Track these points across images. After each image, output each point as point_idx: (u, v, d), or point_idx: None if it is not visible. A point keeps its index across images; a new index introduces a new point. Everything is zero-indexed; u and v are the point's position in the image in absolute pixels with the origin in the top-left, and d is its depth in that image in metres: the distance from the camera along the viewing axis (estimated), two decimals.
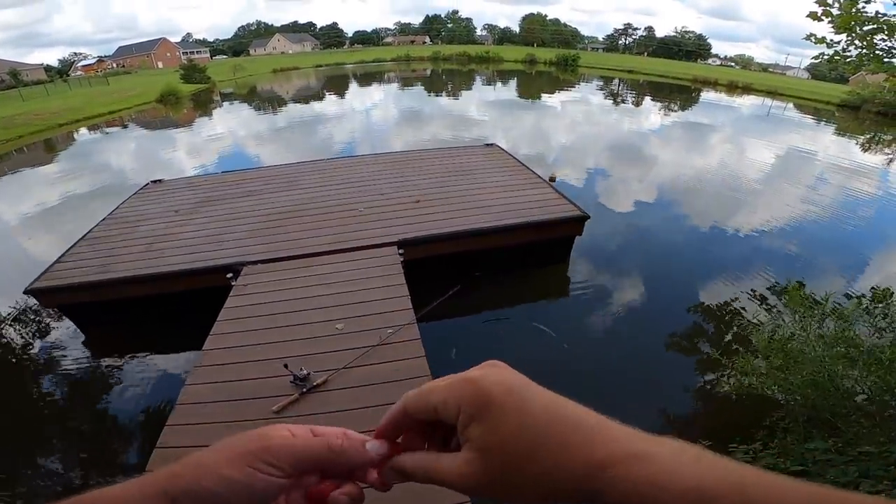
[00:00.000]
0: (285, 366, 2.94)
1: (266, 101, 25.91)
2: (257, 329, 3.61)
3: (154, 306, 4.73)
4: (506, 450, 0.29)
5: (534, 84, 32.95)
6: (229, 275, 4.44)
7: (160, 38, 71.55)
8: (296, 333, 3.52)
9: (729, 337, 4.80)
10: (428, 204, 5.79)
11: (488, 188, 6.24)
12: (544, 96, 26.29)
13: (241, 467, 0.31)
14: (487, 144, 8.48)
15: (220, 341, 3.48)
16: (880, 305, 3.13)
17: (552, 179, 7.02)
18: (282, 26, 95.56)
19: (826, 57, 4.31)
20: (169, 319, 4.78)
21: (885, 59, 3.83)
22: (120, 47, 75.59)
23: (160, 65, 65.28)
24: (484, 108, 20.27)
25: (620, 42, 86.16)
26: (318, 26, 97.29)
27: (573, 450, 0.28)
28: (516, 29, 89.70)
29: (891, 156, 15.17)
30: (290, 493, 0.33)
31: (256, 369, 3.15)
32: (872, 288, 3.76)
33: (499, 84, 32.22)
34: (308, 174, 7.19)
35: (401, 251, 4.70)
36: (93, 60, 74.69)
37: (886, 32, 3.66)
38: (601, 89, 31.03)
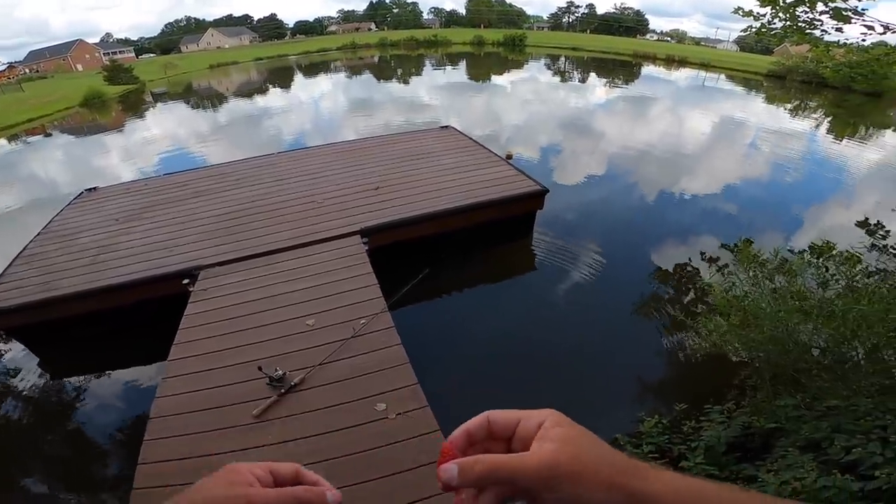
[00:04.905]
0: (259, 368, 2.86)
1: (205, 99, 24.47)
2: (224, 333, 3.47)
3: (108, 320, 4.44)
4: (577, 442, 0.37)
5: (483, 65, 32.93)
6: (186, 280, 4.23)
7: (76, 40, 65.46)
8: (266, 334, 3.42)
9: (692, 296, 5.01)
10: (388, 190, 5.71)
11: (447, 170, 6.22)
12: (494, 77, 26.35)
13: None
14: (443, 127, 8.42)
15: (185, 350, 3.33)
16: (822, 259, 3.25)
17: (509, 157, 7.08)
18: (215, 20, 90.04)
19: (753, 30, 4.53)
20: (128, 332, 4.52)
21: (807, 31, 4.07)
22: (31, 52, 68.54)
23: (79, 67, 59.99)
24: (436, 92, 20.08)
25: (564, 20, 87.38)
26: (256, 19, 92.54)
27: (617, 453, 0.38)
28: (463, 11, 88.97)
29: (816, 121, 16.37)
30: None
31: (230, 375, 3.04)
32: (812, 244, 3.95)
33: (449, 67, 31.96)
34: (259, 169, 6.88)
35: (365, 240, 4.63)
36: (2, 67, 67.61)
37: (808, 4, 3.87)
38: (549, 67, 31.45)
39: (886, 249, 5.95)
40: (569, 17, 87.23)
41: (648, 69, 30.64)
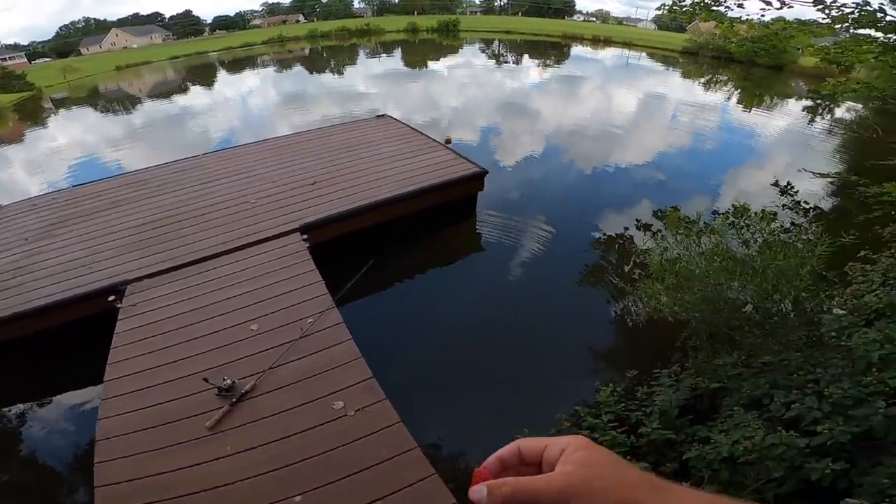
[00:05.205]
0: (205, 379, 2.73)
1: (115, 102, 22.33)
2: (162, 348, 3.28)
3: (31, 346, 4.08)
4: (593, 464, 0.40)
5: (418, 52, 32.53)
6: (112, 297, 3.92)
7: None
8: (207, 344, 3.26)
9: (632, 263, 5.22)
10: (326, 184, 5.55)
11: (386, 159, 6.14)
12: (430, 63, 26.13)
13: None
14: (379, 116, 8.26)
15: (121, 369, 3.12)
16: (742, 219, 3.40)
17: (448, 142, 7.07)
18: (119, 20, 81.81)
19: (666, 7, 4.80)
20: (56, 355, 4.17)
21: (713, 7, 4.36)
22: None
23: None
24: (372, 82, 19.61)
25: (496, 4, 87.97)
26: (168, 16, 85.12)
27: (634, 471, 0.41)
28: None
29: (727, 93, 17.71)
30: None
31: (174, 389, 2.89)
32: (733, 204, 4.24)
33: (384, 56, 31.30)
34: (183, 173, 6.41)
35: (305, 237, 4.50)
36: None
37: None
38: (483, 51, 31.63)
39: (797, 206, 6.58)
40: (500, 1, 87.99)
41: (577, 49, 31.65)
